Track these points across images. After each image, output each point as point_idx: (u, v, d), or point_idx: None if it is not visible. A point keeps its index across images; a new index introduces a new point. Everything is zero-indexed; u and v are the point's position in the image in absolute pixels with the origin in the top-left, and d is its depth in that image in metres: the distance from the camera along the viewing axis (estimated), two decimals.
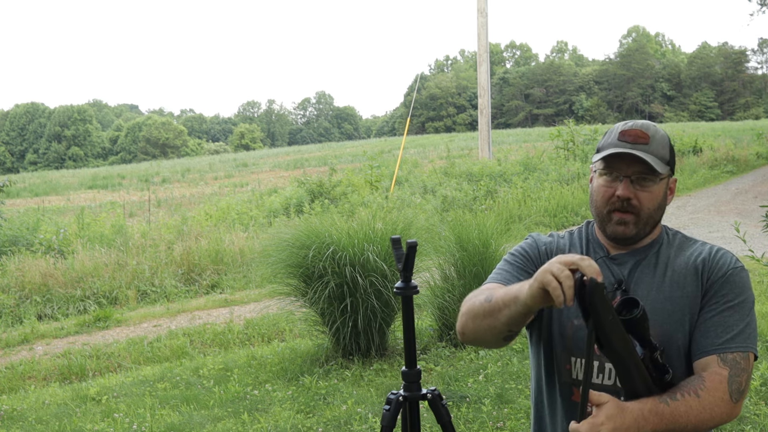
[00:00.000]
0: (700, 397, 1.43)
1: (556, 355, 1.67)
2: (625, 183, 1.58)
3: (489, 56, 19.71)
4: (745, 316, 1.53)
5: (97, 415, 5.05)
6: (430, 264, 6.01)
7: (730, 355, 1.48)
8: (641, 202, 1.58)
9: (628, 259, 1.63)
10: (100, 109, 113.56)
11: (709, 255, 1.59)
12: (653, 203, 1.60)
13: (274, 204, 16.05)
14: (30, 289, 9.48)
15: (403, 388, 1.58)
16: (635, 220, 1.59)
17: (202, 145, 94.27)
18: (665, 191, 1.63)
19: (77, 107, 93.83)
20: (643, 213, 1.59)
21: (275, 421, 4.62)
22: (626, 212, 1.58)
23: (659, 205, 1.61)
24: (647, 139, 1.59)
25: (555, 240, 1.76)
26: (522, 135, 47.47)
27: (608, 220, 1.61)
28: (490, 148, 20.17)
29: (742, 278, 1.57)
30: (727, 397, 1.45)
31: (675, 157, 1.67)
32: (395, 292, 1.62)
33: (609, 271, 1.63)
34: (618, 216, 1.59)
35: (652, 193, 1.59)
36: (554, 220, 13.30)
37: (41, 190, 35.75)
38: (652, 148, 1.59)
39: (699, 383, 1.46)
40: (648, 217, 1.60)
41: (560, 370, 1.67)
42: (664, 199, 1.63)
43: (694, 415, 1.42)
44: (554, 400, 1.69)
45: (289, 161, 43.40)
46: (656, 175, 1.58)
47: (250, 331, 7.40)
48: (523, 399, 4.67)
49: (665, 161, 1.61)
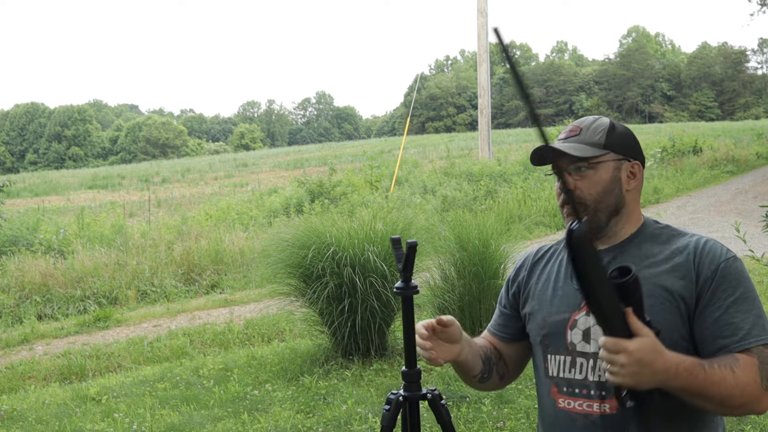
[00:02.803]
0: (734, 374, 1.40)
1: (536, 353, 1.71)
2: (564, 176, 1.59)
3: (489, 56, 19.70)
4: (751, 307, 1.48)
5: (97, 415, 5.05)
6: (430, 264, 6.01)
7: (753, 348, 1.45)
8: (581, 189, 1.59)
9: (605, 254, 1.61)
10: (100, 109, 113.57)
11: (696, 249, 1.54)
12: (596, 188, 1.59)
13: (274, 204, 16.06)
14: (30, 289, 9.48)
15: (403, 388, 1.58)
16: (582, 208, 1.58)
17: (202, 145, 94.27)
18: (615, 175, 1.60)
19: (77, 107, 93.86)
20: (588, 200, 1.58)
21: (275, 421, 4.62)
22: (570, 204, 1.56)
23: (606, 189, 1.59)
24: (578, 130, 1.63)
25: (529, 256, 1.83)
26: (522, 135, 47.48)
27: (563, 217, 1.62)
28: (490, 148, 20.17)
29: (737, 268, 1.51)
30: (759, 381, 1.42)
31: (632, 145, 1.65)
32: (395, 292, 1.63)
33: None
34: (566, 209, 1.59)
35: (591, 178, 1.59)
36: (554, 220, 13.29)
37: (41, 190, 35.75)
38: (582, 137, 1.61)
39: (733, 362, 1.42)
40: (596, 203, 1.59)
41: (540, 367, 1.70)
42: (613, 183, 1.60)
43: (725, 388, 1.39)
44: (541, 396, 1.71)
45: (289, 161, 43.40)
46: (585, 161, 1.58)
47: (250, 331, 7.40)
48: (522, 399, 4.67)
49: (600, 146, 1.59)
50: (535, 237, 12.05)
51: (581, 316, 1.59)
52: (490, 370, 1.75)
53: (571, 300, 1.62)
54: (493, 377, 1.76)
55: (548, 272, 1.72)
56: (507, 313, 1.81)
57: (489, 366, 1.75)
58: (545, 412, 1.68)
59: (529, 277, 1.76)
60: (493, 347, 1.80)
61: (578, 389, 1.58)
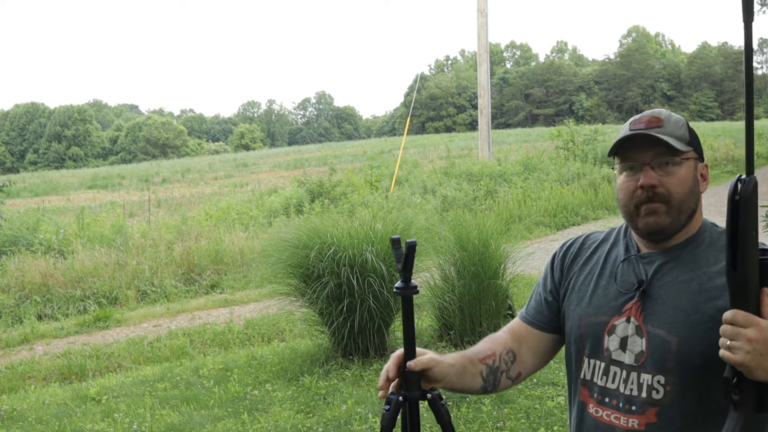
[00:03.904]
0: None
1: (569, 351, 1.64)
2: (646, 170, 1.46)
3: (489, 56, 19.70)
4: None
5: (97, 415, 5.05)
6: (430, 264, 6.00)
7: None
8: (668, 187, 1.45)
9: (657, 258, 1.50)
10: (100, 109, 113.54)
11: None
12: (682, 187, 1.46)
13: (274, 204, 16.05)
14: (30, 289, 9.48)
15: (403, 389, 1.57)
16: (666, 208, 1.46)
17: (202, 145, 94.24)
18: (694, 175, 1.49)
19: (77, 107, 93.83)
20: (673, 199, 1.45)
21: (275, 421, 4.62)
22: (655, 201, 1.46)
23: (690, 189, 1.47)
24: (660, 122, 1.48)
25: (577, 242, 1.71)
26: (522, 135, 47.48)
27: (637, 215, 1.49)
28: (490, 148, 20.16)
29: None
30: None
31: (700, 143, 1.53)
32: (395, 292, 1.58)
33: (633, 270, 1.52)
34: (646, 207, 1.46)
35: (678, 176, 1.46)
36: (554, 220, 13.30)
37: (41, 190, 35.75)
38: (667, 129, 1.47)
39: None
40: (680, 204, 1.46)
41: (572, 366, 1.63)
42: (695, 183, 1.48)
43: None
44: (572, 395, 1.65)
45: (289, 161, 43.39)
46: (677, 155, 1.46)
47: (250, 331, 7.40)
48: (523, 399, 4.67)
49: (685, 141, 1.48)
50: (535, 237, 12.06)
51: (621, 322, 1.50)
52: (494, 381, 1.64)
53: (612, 302, 1.53)
54: (500, 385, 1.65)
55: (592, 266, 1.62)
56: (548, 299, 1.68)
57: (494, 378, 1.63)
58: (575, 413, 1.62)
59: (571, 265, 1.66)
60: (506, 350, 1.66)
61: (608, 398, 1.52)
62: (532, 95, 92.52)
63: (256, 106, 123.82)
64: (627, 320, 1.49)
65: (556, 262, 1.70)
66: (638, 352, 1.47)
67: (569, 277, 1.65)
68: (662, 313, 1.45)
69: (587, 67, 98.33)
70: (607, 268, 1.58)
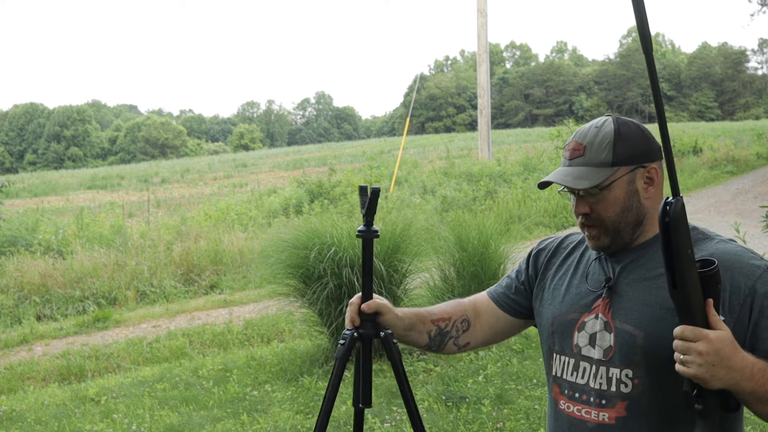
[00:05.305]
0: None
1: (543, 348, 1.70)
2: (577, 200, 1.55)
3: (489, 56, 19.70)
4: None
5: (96, 415, 5.04)
6: (430, 264, 6.00)
7: None
8: (599, 213, 1.52)
9: (624, 256, 1.55)
10: (99, 110, 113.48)
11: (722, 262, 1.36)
12: (614, 209, 1.50)
13: (274, 204, 16.05)
14: (29, 289, 9.47)
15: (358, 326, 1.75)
16: (601, 232, 1.53)
17: (202, 146, 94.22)
18: (629, 189, 1.50)
19: (76, 107, 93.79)
20: (606, 222, 1.52)
21: (275, 422, 4.61)
22: (591, 227, 1.54)
23: (624, 207, 1.50)
24: (581, 150, 1.52)
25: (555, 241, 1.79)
26: (522, 135, 47.50)
27: (586, 236, 1.59)
28: (489, 149, 20.16)
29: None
30: None
31: (645, 144, 1.51)
32: (357, 235, 1.73)
33: (603, 269, 1.58)
34: (587, 231, 1.56)
35: (607, 200, 1.50)
36: (554, 220, 13.29)
37: (40, 191, 35.74)
38: (588, 157, 1.51)
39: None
40: (615, 224, 1.51)
41: (546, 363, 1.69)
42: (630, 198, 1.50)
43: None
44: (548, 391, 1.69)
45: (289, 161, 43.39)
46: (598, 186, 1.49)
47: (249, 332, 7.39)
48: (522, 399, 4.66)
49: (608, 163, 1.48)
50: (535, 237, 12.04)
51: (590, 319, 1.55)
52: (440, 343, 1.77)
53: (583, 300, 1.58)
54: (446, 348, 1.78)
55: (567, 266, 1.68)
56: (519, 287, 1.77)
57: (440, 340, 1.76)
58: (549, 410, 1.67)
59: (547, 265, 1.73)
60: (462, 319, 1.77)
61: (579, 394, 1.55)
62: (532, 95, 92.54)
63: (255, 106, 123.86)
64: (596, 317, 1.54)
65: (531, 259, 1.78)
66: (607, 347, 1.52)
67: (545, 276, 1.72)
68: (629, 308, 1.50)
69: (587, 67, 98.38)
70: (580, 268, 1.65)
